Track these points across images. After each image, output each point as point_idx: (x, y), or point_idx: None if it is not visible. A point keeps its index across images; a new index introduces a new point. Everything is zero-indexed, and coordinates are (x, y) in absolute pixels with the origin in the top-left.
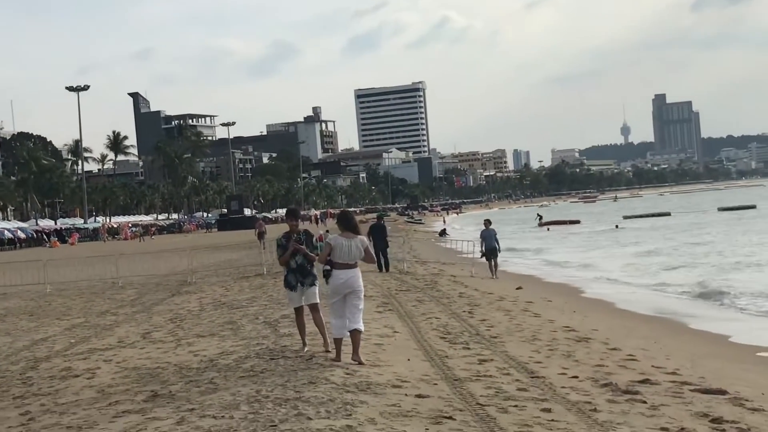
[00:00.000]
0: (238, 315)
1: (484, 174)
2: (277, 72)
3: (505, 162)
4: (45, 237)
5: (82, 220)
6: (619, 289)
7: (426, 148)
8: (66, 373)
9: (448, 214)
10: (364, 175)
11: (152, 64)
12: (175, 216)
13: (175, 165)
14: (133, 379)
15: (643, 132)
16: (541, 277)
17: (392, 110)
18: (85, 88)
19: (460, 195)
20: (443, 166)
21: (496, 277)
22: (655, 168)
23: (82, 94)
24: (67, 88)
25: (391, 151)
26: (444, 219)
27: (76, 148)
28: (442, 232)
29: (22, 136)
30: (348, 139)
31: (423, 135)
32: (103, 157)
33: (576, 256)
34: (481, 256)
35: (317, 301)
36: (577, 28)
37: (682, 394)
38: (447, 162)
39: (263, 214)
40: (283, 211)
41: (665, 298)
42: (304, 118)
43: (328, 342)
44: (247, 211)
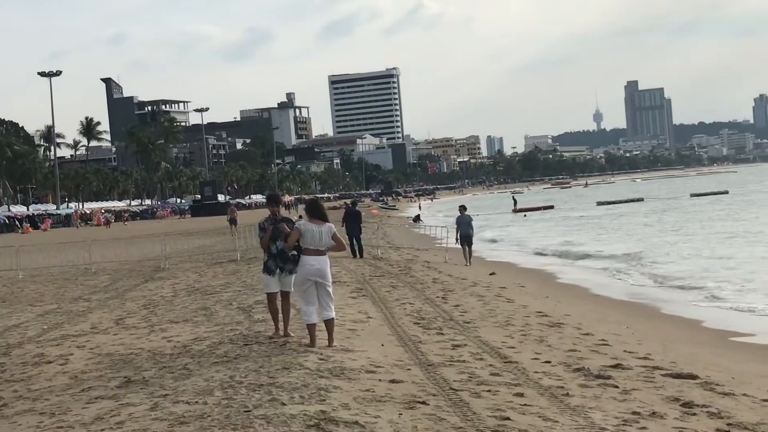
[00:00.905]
0: (212, 301)
1: (458, 160)
2: (252, 58)
3: (479, 148)
4: (17, 223)
5: (55, 206)
6: (590, 275)
7: (400, 135)
8: (39, 360)
9: (423, 200)
10: (338, 161)
11: (126, 49)
12: (148, 202)
13: (149, 151)
14: (107, 365)
15: (616, 118)
16: (515, 263)
17: (366, 96)
18: (58, 74)
19: (434, 181)
20: (417, 153)
21: (470, 264)
22: (628, 154)
23: (54, 79)
24: (39, 74)
25: (365, 138)
26: (420, 205)
27: (49, 134)
28: (416, 218)
29: None
30: (322, 125)
31: (397, 121)
32: (76, 143)
33: (549, 242)
34: (456, 241)
35: (291, 290)
36: (550, 14)
37: (654, 378)
38: (421, 148)
39: (237, 200)
40: (257, 197)
41: (639, 285)
42: (278, 104)
43: (289, 330)
44: (221, 197)
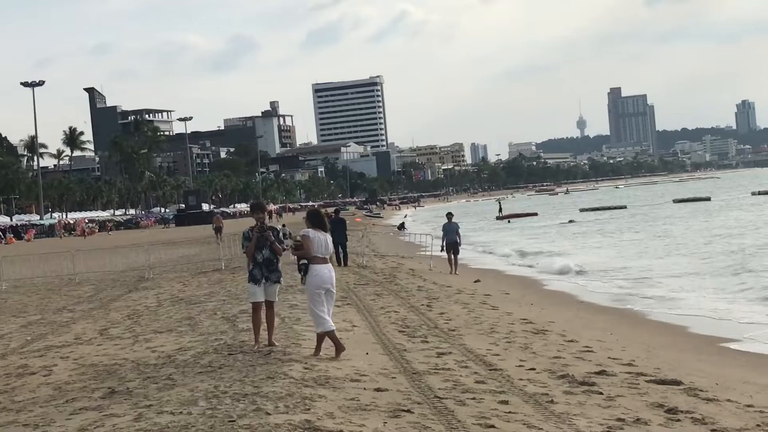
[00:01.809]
0: (196, 310)
1: (442, 168)
2: (235, 66)
3: (463, 155)
4: (1, 233)
5: (38, 217)
6: (576, 280)
7: (384, 142)
8: (22, 371)
9: (408, 208)
10: (323, 170)
11: (109, 58)
12: (132, 211)
13: (132, 160)
14: (90, 376)
15: (599, 125)
16: (500, 270)
17: (350, 104)
18: (41, 84)
19: (419, 189)
20: (401, 160)
21: (456, 273)
22: (611, 161)
23: (37, 89)
24: (22, 84)
25: (350, 146)
26: (406, 214)
27: (32, 144)
28: (401, 226)
29: None
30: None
31: (381, 129)
32: (59, 153)
33: (533, 248)
34: (441, 249)
35: (276, 300)
36: (533, 22)
37: (638, 384)
38: (405, 156)
39: (221, 209)
40: (241, 206)
41: (623, 290)
42: (262, 112)
43: (273, 339)
44: (205, 206)
